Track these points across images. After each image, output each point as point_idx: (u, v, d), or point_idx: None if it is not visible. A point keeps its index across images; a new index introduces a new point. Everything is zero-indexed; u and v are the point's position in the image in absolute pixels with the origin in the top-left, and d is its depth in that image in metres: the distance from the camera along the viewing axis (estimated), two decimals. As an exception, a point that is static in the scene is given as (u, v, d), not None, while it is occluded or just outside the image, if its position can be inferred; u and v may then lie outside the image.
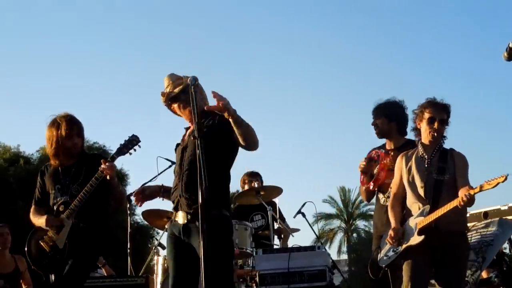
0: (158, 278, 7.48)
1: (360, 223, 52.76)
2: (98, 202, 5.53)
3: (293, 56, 71.23)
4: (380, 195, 6.11)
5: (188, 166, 4.65)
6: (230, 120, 4.36)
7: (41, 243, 5.49)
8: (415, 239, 5.02)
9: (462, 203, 4.72)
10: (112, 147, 27.63)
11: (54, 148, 5.57)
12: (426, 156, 5.25)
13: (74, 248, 5.39)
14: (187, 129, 4.93)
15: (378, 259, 5.48)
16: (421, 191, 5.14)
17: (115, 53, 61.76)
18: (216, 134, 4.54)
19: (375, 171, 5.97)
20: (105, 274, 8.34)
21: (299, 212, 8.21)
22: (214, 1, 67.15)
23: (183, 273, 4.63)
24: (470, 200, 4.73)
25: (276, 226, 8.16)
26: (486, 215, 7.35)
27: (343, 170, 70.18)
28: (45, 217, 5.49)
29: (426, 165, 5.22)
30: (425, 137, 5.28)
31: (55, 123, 5.58)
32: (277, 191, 7.93)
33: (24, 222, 5.68)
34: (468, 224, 7.19)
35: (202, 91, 4.85)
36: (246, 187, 8.39)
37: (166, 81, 4.89)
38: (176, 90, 4.81)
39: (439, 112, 5.23)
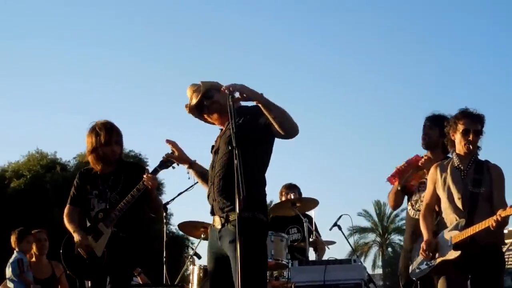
0: (194, 287, 7.47)
1: (395, 237, 52.52)
2: (136, 212, 5.54)
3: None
4: (410, 208, 6.12)
5: (219, 169, 4.50)
6: (260, 106, 4.21)
7: (79, 249, 5.48)
8: (451, 254, 4.93)
9: (494, 225, 4.64)
10: (148, 156, 27.81)
11: (93, 155, 5.57)
12: (462, 167, 5.15)
13: (113, 257, 5.40)
14: (221, 130, 4.78)
15: (410, 271, 5.44)
16: (458, 203, 5.04)
17: (155, 63, 62.42)
18: (248, 133, 4.25)
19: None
20: (141, 283, 8.35)
21: (335, 224, 8.12)
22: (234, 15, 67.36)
23: (221, 280, 4.48)
24: (503, 223, 4.68)
25: (311, 238, 8.09)
26: (524, 232, 7.22)
27: (379, 184, 69.82)
28: (81, 234, 5.46)
29: (462, 177, 5.12)
30: (460, 149, 5.18)
31: (94, 130, 5.58)
32: (313, 203, 7.87)
33: (60, 228, 5.69)
34: (505, 241, 7.09)
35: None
36: (283, 199, 8.28)
37: (188, 93, 4.78)
38: (195, 100, 4.69)
39: (473, 123, 5.13)
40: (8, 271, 7.59)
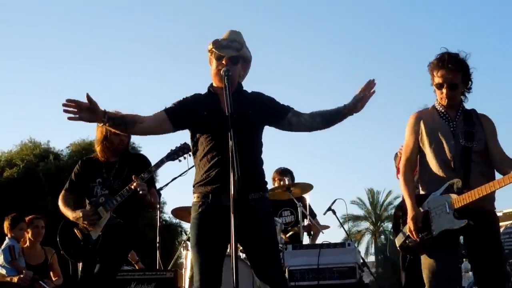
0: (187, 273, 7.46)
1: (388, 226, 52.48)
2: (137, 200, 5.62)
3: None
4: None
5: (244, 142, 4.04)
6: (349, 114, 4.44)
7: (75, 230, 5.59)
8: (455, 223, 4.33)
9: None
10: (142, 145, 27.79)
11: (101, 143, 5.74)
12: (450, 118, 4.57)
13: (108, 241, 5.50)
14: (218, 88, 4.35)
15: (398, 245, 4.81)
16: (450, 160, 4.47)
17: (144, 49, 62.13)
18: (258, 119, 4.37)
19: None
20: (137, 270, 8.35)
21: (329, 209, 8.11)
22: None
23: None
24: None
25: (306, 222, 8.08)
26: (521, 214, 7.13)
27: (372, 172, 69.96)
28: (79, 212, 5.55)
29: (451, 129, 4.53)
30: (440, 100, 4.60)
31: None
32: (308, 187, 7.87)
33: (54, 217, 5.76)
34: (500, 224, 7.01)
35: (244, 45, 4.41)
36: (276, 185, 8.24)
37: (228, 36, 4.37)
38: (223, 52, 4.25)
39: (449, 75, 4.45)
40: (0, 258, 7.57)
